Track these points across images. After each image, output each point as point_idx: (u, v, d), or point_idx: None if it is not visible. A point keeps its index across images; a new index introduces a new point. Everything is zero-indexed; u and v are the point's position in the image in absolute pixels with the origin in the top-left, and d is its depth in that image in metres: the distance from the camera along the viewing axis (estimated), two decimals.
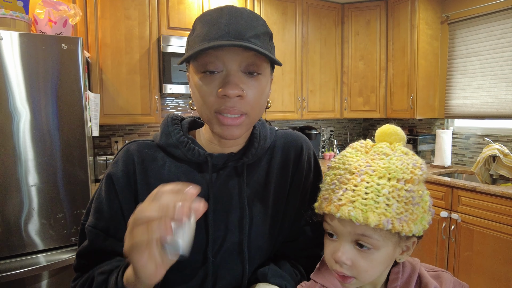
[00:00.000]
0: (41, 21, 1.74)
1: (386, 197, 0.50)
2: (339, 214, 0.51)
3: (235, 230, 0.65)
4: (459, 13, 2.81)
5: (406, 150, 0.56)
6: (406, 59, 2.90)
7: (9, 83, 1.51)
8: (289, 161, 0.71)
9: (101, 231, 0.63)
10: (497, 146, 2.37)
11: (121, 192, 0.64)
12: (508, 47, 2.52)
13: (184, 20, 2.47)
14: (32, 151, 1.57)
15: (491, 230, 2.10)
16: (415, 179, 0.52)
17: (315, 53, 3.09)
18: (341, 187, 0.53)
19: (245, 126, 0.61)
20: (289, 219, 0.70)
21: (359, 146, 0.58)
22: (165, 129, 0.68)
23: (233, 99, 0.56)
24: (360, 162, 0.54)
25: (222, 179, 0.66)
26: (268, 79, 0.63)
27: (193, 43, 0.58)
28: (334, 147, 3.51)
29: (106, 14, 2.23)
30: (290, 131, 0.76)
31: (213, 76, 0.57)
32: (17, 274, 1.53)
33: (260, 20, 0.61)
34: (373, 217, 0.49)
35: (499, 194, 2.05)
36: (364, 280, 0.53)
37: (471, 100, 2.79)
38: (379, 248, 0.52)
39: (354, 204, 0.50)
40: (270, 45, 0.62)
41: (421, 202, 0.53)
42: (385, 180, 0.51)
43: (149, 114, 2.41)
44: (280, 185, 0.69)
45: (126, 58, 2.31)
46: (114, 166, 0.66)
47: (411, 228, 0.51)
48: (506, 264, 2.04)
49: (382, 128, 0.58)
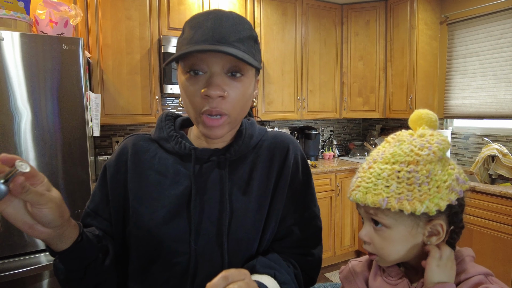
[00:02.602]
0: (42, 22, 1.75)
1: (385, 179, 0.56)
2: (351, 198, 0.60)
3: (215, 221, 0.67)
4: (458, 14, 2.82)
5: (424, 132, 0.58)
6: (406, 59, 2.92)
7: (10, 83, 1.52)
8: (275, 160, 0.73)
9: (91, 210, 0.73)
10: (496, 146, 2.38)
11: (110, 179, 0.72)
12: (507, 47, 2.53)
13: (185, 20, 2.47)
14: (33, 151, 1.58)
15: (490, 229, 2.11)
16: (419, 160, 0.55)
17: (315, 54, 3.10)
18: (357, 175, 0.61)
19: (227, 126, 0.65)
20: (276, 217, 0.71)
21: (390, 137, 0.62)
22: (159, 124, 0.75)
23: (216, 99, 0.60)
24: (379, 152, 0.60)
25: (205, 172, 0.69)
26: (251, 81, 0.66)
27: (181, 45, 0.63)
28: (333, 147, 3.52)
29: (107, 14, 2.24)
30: (280, 133, 0.79)
31: (198, 77, 0.62)
32: (18, 273, 1.54)
33: (246, 24, 0.64)
34: (370, 197, 0.56)
35: (498, 193, 2.06)
36: (384, 257, 0.59)
37: (470, 100, 2.80)
38: (390, 226, 0.57)
39: (359, 188, 0.59)
40: (254, 48, 0.65)
41: (431, 181, 0.54)
42: (388, 165, 0.57)
43: (150, 114, 2.42)
44: (264, 182, 0.71)
45: (127, 58, 2.32)
46: (110, 157, 0.75)
47: (416, 207, 0.53)
48: (505, 264, 2.05)
49: (410, 116, 0.62)
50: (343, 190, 2.94)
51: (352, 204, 3.01)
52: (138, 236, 0.68)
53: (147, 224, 0.67)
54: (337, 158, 3.45)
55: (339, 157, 3.48)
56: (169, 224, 0.66)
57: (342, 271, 0.73)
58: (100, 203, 0.72)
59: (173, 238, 0.66)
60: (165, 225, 0.66)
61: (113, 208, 0.71)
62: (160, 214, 0.67)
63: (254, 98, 0.72)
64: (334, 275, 2.81)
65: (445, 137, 0.57)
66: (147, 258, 0.68)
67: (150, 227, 0.66)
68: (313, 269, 0.75)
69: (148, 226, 0.67)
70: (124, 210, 0.71)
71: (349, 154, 3.51)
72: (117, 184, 0.71)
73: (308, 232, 0.74)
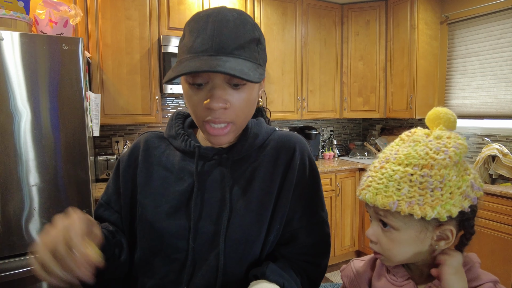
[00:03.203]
0: (42, 22, 1.75)
1: (397, 182, 0.54)
2: (360, 197, 0.59)
3: (214, 220, 0.67)
4: (459, 14, 2.81)
5: (441, 134, 0.56)
6: (406, 59, 2.91)
7: (10, 83, 1.51)
8: (280, 161, 0.71)
9: (104, 202, 0.77)
10: (497, 146, 2.38)
11: (123, 173, 0.75)
12: (507, 47, 2.53)
13: (185, 20, 2.48)
14: (33, 151, 1.58)
15: (490, 229, 2.11)
16: (433, 164, 0.53)
17: (315, 53, 3.09)
18: (367, 174, 0.60)
19: (232, 133, 0.65)
20: (280, 219, 0.70)
21: (405, 135, 0.61)
22: (169, 122, 0.78)
23: (218, 111, 0.60)
24: (392, 151, 0.59)
25: (208, 170, 0.70)
26: (254, 85, 0.65)
27: (181, 53, 0.62)
28: (333, 147, 3.52)
29: (107, 14, 2.23)
30: (288, 132, 0.77)
31: (200, 88, 0.61)
32: (18, 273, 1.54)
33: (248, 24, 0.61)
34: (380, 199, 0.55)
35: (499, 193, 2.06)
36: (390, 258, 0.59)
37: (470, 100, 2.80)
38: (398, 229, 0.56)
39: (369, 188, 0.58)
40: (257, 50, 0.63)
41: (444, 186, 0.52)
42: (401, 166, 0.55)
43: (150, 114, 2.42)
44: (267, 183, 0.69)
45: (126, 58, 2.31)
46: (125, 152, 0.79)
47: (427, 212, 0.52)
48: (505, 264, 2.04)
49: (428, 114, 0.60)
50: (343, 190, 2.94)
51: (353, 204, 3.00)
52: (142, 229, 0.70)
53: (151, 217, 0.68)
54: (337, 158, 3.45)
55: (339, 157, 3.48)
56: (170, 219, 0.67)
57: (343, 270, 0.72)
58: (112, 195, 0.76)
59: (173, 234, 0.67)
60: (167, 220, 0.67)
61: (124, 201, 0.74)
62: (163, 209, 0.68)
63: (260, 98, 0.72)
64: (334, 275, 2.81)
65: (463, 141, 0.55)
66: (150, 250, 0.69)
67: (153, 221, 0.68)
68: (319, 278, 0.74)
69: (151, 219, 0.68)
70: (132, 204, 0.73)
71: (349, 154, 3.51)
72: (128, 177, 0.74)
73: (315, 238, 0.72)
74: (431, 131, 0.58)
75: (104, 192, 0.78)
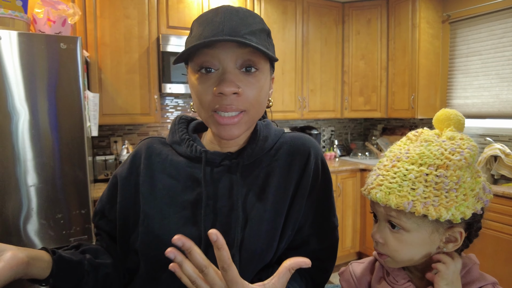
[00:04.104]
0: (40, 21, 1.73)
1: (412, 181, 0.53)
2: (369, 196, 0.57)
3: (227, 231, 0.62)
4: (460, 12, 2.79)
5: (453, 134, 0.55)
6: (407, 58, 2.89)
7: (8, 82, 1.50)
8: (294, 166, 0.67)
9: (99, 210, 0.73)
10: (499, 146, 2.36)
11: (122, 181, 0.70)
12: (509, 47, 2.51)
13: (184, 19, 2.46)
14: (31, 151, 1.57)
15: (492, 230, 2.09)
16: (449, 165, 0.52)
17: (316, 53, 3.07)
18: (376, 173, 0.58)
19: (244, 124, 0.60)
20: (293, 226, 0.67)
21: (412, 134, 0.60)
22: (172, 127, 0.73)
23: (230, 96, 0.56)
24: (402, 150, 0.57)
25: (217, 177, 0.65)
26: (267, 76, 0.62)
27: (189, 44, 0.59)
28: (334, 147, 3.50)
29: (105, 13, 2.22)
30: (299, 134, 0.73)
31: (209, 75, 0.57)
32: None
33: (257, 17, 0.60)
34: (394, 199, 0.53)
35: (501, 194, 2.04)
36: (397, 259, 0.57)
37: (472, 99, 2.78)
38: (409, 230, 0.54)
39: (381, 187, 0.55)
40: (267, 42, 0.61)
41: (459, 188, 0.52)
42: (416, 165, 0.53)
43: (149, 114, 2.41)
44: (282, 189, 0.66)
45: (125, 57, 2.30)
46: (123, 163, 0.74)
47: (441, 213, 0.51)
48: (507, 265, 2.03)
49: (437, 114, 0.59)
50: (344, 190, 2.92)
51: (354, 205, 2.99)
52: (147, 242, 0.64)
53: (158, 230, 0.63)
54: (338, 158, 3.43)
55: (340, 157, 3.46)
56: (180, 231, 0.61)
57: (341, 274, 0.71)
58: (106, 204, 0.72)
59: None
60: (175, 232, 0.62)
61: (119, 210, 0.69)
62: (172, 221, 0.63)
63: (269, 98, 0.67)
64: (334, 277, 2.79)
65: (474, 143, 0.55)
66: (156, 266, 0.64)
67: (160, 234, 0.63)
68: (324, 282, 0.72)
69: (158, 232, 0.63)
70: (133, 214, 0.68)
71: (350, 154, 3.49)
72: (129, 186, 0.69)
73: (326, 244, 0.70)
74: (440, 132, 0.57)
75: (99, 200, 0.74)
